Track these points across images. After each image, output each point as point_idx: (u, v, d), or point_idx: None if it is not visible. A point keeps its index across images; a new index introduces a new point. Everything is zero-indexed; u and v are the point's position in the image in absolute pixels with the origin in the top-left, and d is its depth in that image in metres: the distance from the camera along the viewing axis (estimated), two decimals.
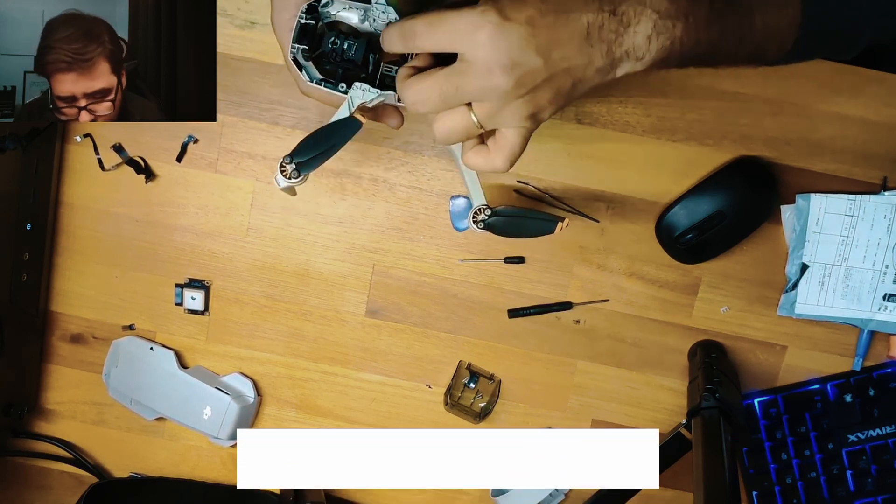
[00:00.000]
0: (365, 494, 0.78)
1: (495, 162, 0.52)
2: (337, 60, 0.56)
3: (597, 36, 0.48)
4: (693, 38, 0.50)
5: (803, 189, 0.70)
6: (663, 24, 0.49)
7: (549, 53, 0.47)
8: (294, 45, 0.55)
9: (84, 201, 0.73)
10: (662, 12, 0.48)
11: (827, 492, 0.72)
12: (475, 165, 0.54)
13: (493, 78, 0.47)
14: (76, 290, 0.75)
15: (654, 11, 0.48)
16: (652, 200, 0.71)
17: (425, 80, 0.49)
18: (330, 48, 0.55)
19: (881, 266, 0.70)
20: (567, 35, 0.47)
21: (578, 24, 0.47)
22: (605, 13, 0.47)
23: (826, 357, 0.73)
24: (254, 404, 0.75)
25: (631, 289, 0.72)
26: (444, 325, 0.74)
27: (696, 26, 0.50)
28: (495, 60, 0.46)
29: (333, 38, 0.55)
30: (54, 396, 0.77)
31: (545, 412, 0.75)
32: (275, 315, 0.74)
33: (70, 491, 0.78)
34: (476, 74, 0.47)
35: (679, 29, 0.49)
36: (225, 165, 0.72)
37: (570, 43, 0.47)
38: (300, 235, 0.73)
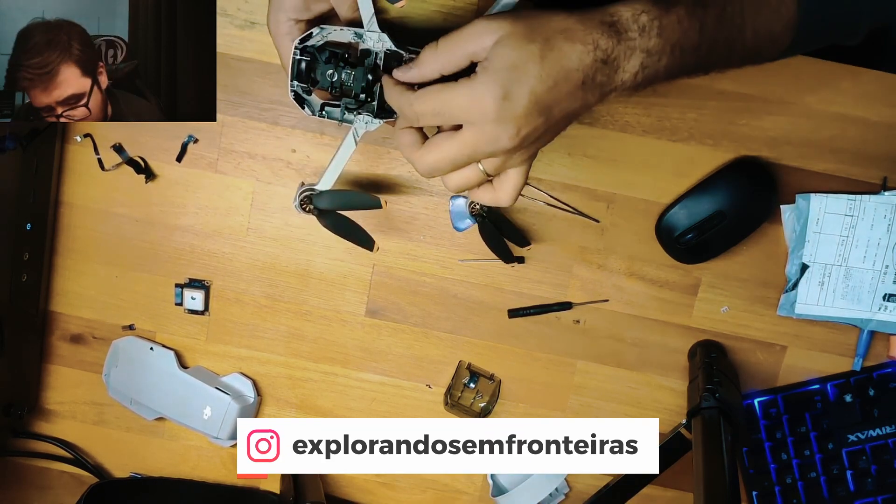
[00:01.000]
0: (365, 494, 0.78)
1: (501, 199, 0.56)
2: (337, 94, 0.56)
3: (591, 83, 0.50)
4: (679, 63, 0.52)
5: (803, 189, 0.70)
6: (650, 60, 0.51)
7: (550, 112, 0.50)
8: (293, 82, 0.56)
9: (84, 201, 0.73)
10: (651, 50, 0.51)
11: (827, 492, 0.72)
12: (483, 202, 0.57)
13: (501, 143, 0.50)
14: (76, 290, 0.75)
15: (642, 52, 0.51)
16: (652, 200, 0.71)
17: (435, 150, 0.52)
18: (329, 83, 0.56)
19: (881, 266, 0.70)
20: (565, 92, 0.50)
21: (575, 80, 0.50)
22: (599, 62, 0.50)
23: (826, 357, 0.73)
24: (254, 404, 0.75)
25: (631, 289, 0.72)
26: (444, 325, 0.74)
27: (682, 53, 0.52)
28: (503, 130, 0.50)
29: (331, 72, 0.56)
30: (54, 396, 0.77)
31: (545, 412, 0.75)
32: (275, 315, 0.74)
33: (70, 491, 0.78)
34: (485, 144, 0.50)
35: (664, 60, 0.52)
36: (225, 165, 0.72)
37: (567, 97, 0.50)
38: (300, 235, 0.73)
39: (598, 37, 0.50)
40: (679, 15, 0.51)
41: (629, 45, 0.50)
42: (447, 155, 0.52)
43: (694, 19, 0.51)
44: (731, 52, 0.54)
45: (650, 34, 0.50)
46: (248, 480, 0.78)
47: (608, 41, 0.50)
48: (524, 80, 0.49)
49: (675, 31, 0.51)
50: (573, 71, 0.49)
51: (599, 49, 0.50)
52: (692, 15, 0.51)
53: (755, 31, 0.54)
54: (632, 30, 0.50)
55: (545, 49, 0.49)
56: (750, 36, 0.54)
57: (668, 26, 0.51)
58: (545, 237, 0.72)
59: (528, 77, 0.48)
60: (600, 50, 0.50)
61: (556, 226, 0.71)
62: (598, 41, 0.50)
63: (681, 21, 0.51)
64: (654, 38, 0.51)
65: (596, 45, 0.49)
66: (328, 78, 0.56)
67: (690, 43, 0.52)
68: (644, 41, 0.50)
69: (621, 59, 0.50)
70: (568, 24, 0.50)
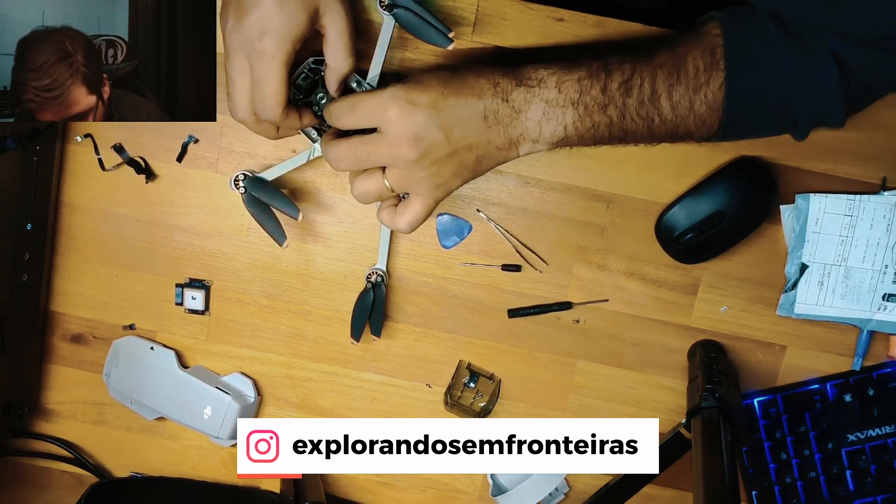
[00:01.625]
0: (365, 494, 0.78)
1: (398, 223, 0.60)
2: (318, 114, 0.63)
3: (493, 119, 0.56)
4: (587, 123, 0.57)
5: (803, 189, 0.70)
6: (552, 111, 0.56)
7: (451, 131, 0.55)
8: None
9: (84, 201, 0.73)
10: (550, 101, 0.56)
11: (826, 491, 0.72)
12: (382, 221, 0.62)
13: (401, 148, 0.55)
14: (76, 290, 0.75)
15: (541, 101, 0.56)
16: (652, 200, 0.71)
17: (343, 142, 0.57)
18: (317, 101, 0.63)
19: (881, 266, 0.70)
20: (466, 115, 0.55)
21: (476, 108, 0.55)
22: (499, 99, 0.56)
23: (825, 357, 0.73)
24: (254, 404, 0.75)
25: (631, 289, 0.73)
26: (444, 325, 0.74)
27: (587, 112, 0.56)
28: (402, 134, 0.55)
29: (321, 95, 0.62)
30: (54, 396, 0.77)
31: (545, 412, 0.75)
32: (275, 315, 0.75)
33: (70, 491, 0.79)
34: (386, 144, 0.55)
35: (569, 115, 0.56)
36: (225, 165, 0.72)
37: (468, 123, 0.55)
38: (300, 235, 0.73)
39: (499, 77, 0.56)
40: (580, 75, 0.56)
41: (528, 91, 0.56)
42: (351, 146, 0.57)
43: (595, 81, 0.56)
44: (650, 124, 0.58)
45: (548, 86, 0.56)
46: (248, 480, 0.78)
47: (507, 82, 0.56)
48: (427, 93, 0.55)
49: (574, 88, 0.56)
50: (473, 98, 0.55)
51: (499, 87, 0.56)
52: (594, 77, 0.56)
53: (673, 106, 0.57)
54: (531, 79, 0.56)
55: (450, 76, 0.56)
56: (667, 108, 0.57)
57: (568, 82, 0.56)
58: (545, 237, 0.72)
59: (430, 91, 0.55)
60: (500, 87, 0.56)
61: (555, 226, 0.71)
62: (497, 80, 0.56)
63: (581, 80, 0.56)
64: (553, 89, 0.56)
65: (496, 83, 0.56)
66: (318, 99, 0.63)
67: (594, 103, 0.56)
68: (542, 91, 0.56)
69: (521, 104, 0.56)
70: (474, 66, 0.57)
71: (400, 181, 0.58)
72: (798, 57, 0.56)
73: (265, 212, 0.66)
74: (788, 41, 0.56)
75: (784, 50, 0.56)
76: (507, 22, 0.67)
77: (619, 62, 0.57)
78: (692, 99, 0.57)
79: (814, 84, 0.56)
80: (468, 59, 0.68)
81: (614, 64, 0.57)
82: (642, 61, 0.57)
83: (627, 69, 0.56)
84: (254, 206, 0.66)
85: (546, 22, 0.67)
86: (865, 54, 0.54)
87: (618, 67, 0.56)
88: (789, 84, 0.56)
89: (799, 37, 0.56)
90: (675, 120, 0.58)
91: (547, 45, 0.68)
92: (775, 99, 0.58)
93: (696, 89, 0.56)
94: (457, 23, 0.67)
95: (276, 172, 0.67)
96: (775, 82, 0.57)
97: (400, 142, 0.55)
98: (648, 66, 0.56)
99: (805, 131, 0.60)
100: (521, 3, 0.67)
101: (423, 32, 0.61)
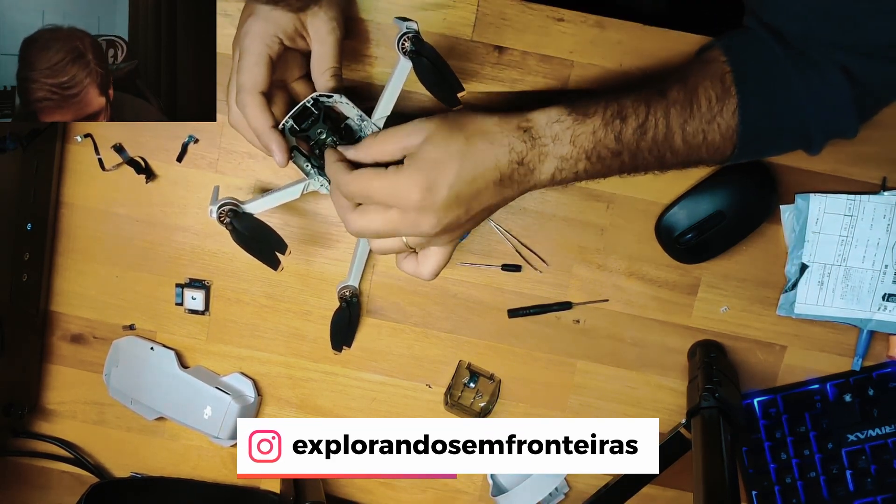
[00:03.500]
0: (365, 494, 0.78)
1: (423, 272, 0.60)
2: (314, 149, 0.61)
3: (508, 181, 0.55)
4: (598, 167, 0.56)
5: (803, 189, 0.70)
6: (565, 163, 0.55)
7: (469, 205, 0.55)
8: (290, 118, 0.60)
9: (84, 201, 0.73)
10: (565, 156, 0.55)
11: (826, 491, 0.72)
12: (406, 271, 0.61)
13: (422, 229, 0.54)
14: (76, 290, 0.75)
15: (556, 157, 0.55)
16: (652, 200, 0.71)
17: (365, 221, 0.56)
18: (316, 137, 0.61)
19: (880, 266, 0.70)
20: (483, 186, 0.54)
21: (493, 177, 0.54)
22: (515, 164, 0.55)
23: (825, 357, 0.73)
24: (254, 404, 0.75)
25: (631, 289, 0.73)
26: (444, 325, 0.74)
27: (600, 159, 0.56)
28: (425, 219, 0.54)
29: (321, 131, 0.61)
30: (55, 396, 0.77)
31: (545, 412, 0.75)
32: (275, 315, 0.75)
33: (70, 491, 0.79)
34: (408, 227, 0.55)
35: (582, 164, 0.56)
36: (225, 165, 0.72)
37: (485, 192, 0.55)
38: (301, 235, 0.73)
39: (514, 140, 0.54)
40: (595, 126, 0.55)
41: (542, 150, 0.55)
42: (373, 226, 0.56)
43: (610, 130, 0.55)
44: (661, 158, 0.57)
45: (563, 142, 0.55)
46: (248, 480, 0.78)
47: (522, 145, 0.55)
48: (446, 175, 0.53)
49: (588, 140, 0.55)
50: (490, 169, 0.54)
51: (514, 151, 0.54)
52: (608, 125, 0.55)
53: (685, 140, 0.57)
54: (545, 136, 0.55)
55: (465, 148, 0.54)
56: (679, 143, 0.57)
57: (582, 135, 0.55)
58: (545, 237, 0.72)
59: (449, 172, 0.53)
60: (515, 152, 0.54)
61: (555, 226, 0.71)
62: (513, 144, 0.54)
63: (595, 132, 0.55)
64: (567, 145, 0.55)
65: (511, 148, 0.54)
66: (317, 134, 0.61)
67: (608, 151, 0.56)
68: (557, 148, 0.55)
69: (535, 162, 0.55)
70: (487, 126, 0.55)
71: (420, 244, 0.58)
72: (807, 74, 0.56)
73: (254, 244, 0.63)
74: (795, 59, 0.56)
75: (792, 68, 0.56)
76: (507, 22, 0.67)
77: (633, 104, 0.56)
78: (706, 130, 0.57)
79: (826, 100, 0.56)
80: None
81: (629, 108, 0.56)
82: (656, 100, 0.56)
83: (642, 111, 0.56)
84: (242, 241, 0.62)
85: (546, 22, 0.67)
86: (871, 65, 0.54)
87: (633, 111, 0.56)
88: (802, 101, 0.56)
89: (805, 53, 0.56)
90: (688, 152, 0.57)
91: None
92: (789, 118, 0.57)
93: (710, 120, 0.56)
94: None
95: (264, 206, 0.63)
96: (788, 102, 0.57)
97: (421, 224, 0.54)
98: (662, 104, 0.56)
99: (820, 146, 0.59)
100: (521, 3, 0.67)
101: (435, 85, 0.60)
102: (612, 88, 0.57)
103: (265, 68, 0.58)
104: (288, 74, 0.63)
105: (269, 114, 0.58)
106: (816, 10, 0.53)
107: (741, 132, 0.57)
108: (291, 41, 0.59)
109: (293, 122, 0.60)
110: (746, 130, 0.57)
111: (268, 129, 0.58)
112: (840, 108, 0.56)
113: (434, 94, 0.60)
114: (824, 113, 0.57)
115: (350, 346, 0.73)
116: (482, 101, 0.69)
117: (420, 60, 0.59)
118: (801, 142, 0.60)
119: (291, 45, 0.60)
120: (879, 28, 0.52)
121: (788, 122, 0.58)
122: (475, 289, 0.73)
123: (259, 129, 0.58)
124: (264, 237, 0.62)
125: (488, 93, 0.69)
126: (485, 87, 0.69)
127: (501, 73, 0.68)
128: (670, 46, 0.67)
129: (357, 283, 0.70)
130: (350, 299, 0.70)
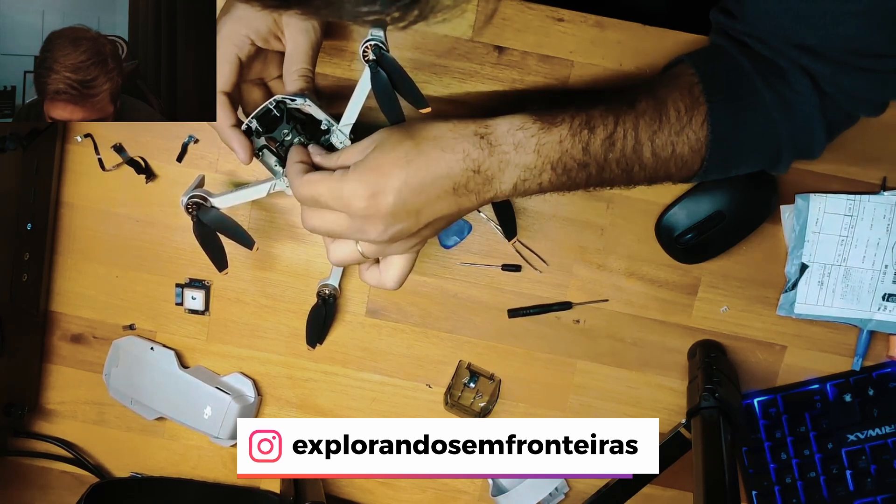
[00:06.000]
0: (365, 494, 0.78)
1: (385, 281, 0.58)
2: (280, 150, 0.60)
3: (464, 190, 0.52)
4: (563, 179, 0.54)
5: (803, 189, 0.70)
6: (529, 173, 0.53)
7: (419, 213, 0.52)
8: (253, 119, 0.59)
9: (84, 201, 0.73)
10: (528, 166, 0.52)
11: (826, 491, 0.72)
12: (368, 282, 0.59)
13: (368, 235, 0.53)
14: (76, 289, 0.75)
15: (517, 167, 0.52)
16: (652, 200, 0.71)
17: (318, 217, 0.54)
18: (281, 137, 0.60)
19: (880, 266, 0.70)
20: (434, 196, 0.52)
21: (444, 186, 0.52)
22: (470, 171, 0.52)
23: (825, 357, 0.73)
24: (254, 404, 0.75)
25: (630, 289, 0.73)
26: (444, 325, 0.74)
27: (566, 171, 0.53)
28: (370, 225, 0.52)
29: (287, 132, 0.59)
30: (55, 396, 0.77)
31: (545, 412, 0.75)
32: (275, 315, 0.75)
33: (70, 491, 0.79)
34: (354, 232, 0.53)
35: (546, 175, 0.53)
36: (225, 165, 0.72)
37: (437, 201, 0.52)
38: (300, 235, 0.73)
39: (469, 147, 0.52)
40: (562, 135, 0.53)
41: (502, 158, 0.52)
42: (324, 226, 0.54)
43: (577, 140, 0.53)
44: (629, 172, 0.56)
45: (526, 150, 0.52)
46: (248, 480, 0.78)
47: (479, 152, 0.52)
48: (391, 182, 0.51)
49: (554, 150, 0.53)
50: (441, 177, 0.51)
51: (469, 158, 0.52)
52: (576, 135, 0.53)
53: (654, 152, 0.55)
54: (505, 143, 0.52)
55: (413, 154, 0.51)
56: (648, 156, 0.55)
57: (548, 145, 0.52)
58: (545, 237, 0.72)
59: (394, 179, 0.51)
60: (470, 159, 0.52)
61: (555, 226, 0.71)
62: (468, 151, 0.52)
63: (562, 141, 0.53)
64: (531, 154, 0.52)
65: (466, 155, 0.52)
66: (282, 135, 0.60)
67: (575, 162, 0.53)
68: (519, 157, 0.52)
69: (495, 171, 0.52)
70: (440, 132, 0.52)
71: (373, 252, 0.56)
72: (775, 85, 0.56)
73: (210, 240, 0.62)
74: (763, 71, 0.56)
75: (761, 80, 0.56)
76: (507, 21, 0.67)
77: (601, 115, 0.54)
78: (675, 142, 0.56)
79: (794, 110, 0.56)
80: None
81: (597, 118, 0.54)
82: (625, 111, 0.55)
83: (611, 122, 0.54)
84: (201, 235, 0.62)
85: (546, 22, 0.67)
86: (837, 73, 0.54)
87: (601, 122, 0.54)
88: (771, 112, 0.56)
89: (772, 63, 0.55)
90: (656, 165, 0.56)
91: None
92: (758, 129, 0.57)
93: (679, 132, 0.55)
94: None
95: (230, 201, 0.62)
96: (757, 112, 0.56)
97: (367, 229, 0.52)
98: (631, 115, 0.54)
99: (788, 161, 0.59)
100: (520, 3, 0.67)
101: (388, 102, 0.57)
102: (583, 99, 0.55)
103: (230, 68, 0.58)
104: (266, 73, 0.63)
105: (231, 113, 0.58)
106: (790, 10, 0.52)
107: (710, 143, 0.56)
108: (264, 41, 0.59)
109: (256, 122, 0.59)
110: (716, 141, 0.56)
111: (227, 128, 0.58)
112: (808, 117, 0.56)
113: (382, 109, 0.57)
114: (792, 123, 0.56)
115: (322, 343, 0.73)
116: (482, 101, 0.69)
117: (378, 73, 0.56)
118: (770, 153, 0.59)
119: (265, 45, 0.59)
120: (846, 32, 0.51)
121: (757, 131, 0.57)
122: (475, 289, 0.73)
123: (219, 127, 0.59)
124: (231, 232, 0.62)
125: (488, 93, 0.69)
126: (485, 87, 0.69)
127: (501, 74, 0.68)
128: (670, 46, 0.67)
129: (337, 283, 0.70)
130: (327, 298, 0.70)
